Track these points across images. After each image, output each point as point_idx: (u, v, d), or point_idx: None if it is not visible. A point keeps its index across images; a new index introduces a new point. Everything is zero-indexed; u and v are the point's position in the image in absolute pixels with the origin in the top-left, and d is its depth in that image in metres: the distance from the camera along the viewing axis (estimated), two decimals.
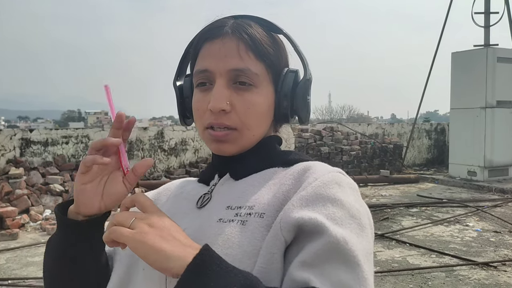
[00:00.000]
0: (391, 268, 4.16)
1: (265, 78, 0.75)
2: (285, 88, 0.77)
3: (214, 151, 0.77)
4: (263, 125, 0.77)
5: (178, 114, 0.85)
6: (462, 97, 9.59)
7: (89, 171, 0.70)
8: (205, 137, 0.77)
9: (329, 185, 0.66)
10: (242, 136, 0.75)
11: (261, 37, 0.75)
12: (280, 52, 0.79)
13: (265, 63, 0.75)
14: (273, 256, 0.61)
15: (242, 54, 0.73)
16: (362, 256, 0.60)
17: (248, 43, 0.73)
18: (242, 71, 0.72)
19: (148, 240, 0.57)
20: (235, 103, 0.73)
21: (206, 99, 0.74)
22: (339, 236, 0.59)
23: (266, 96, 0.76)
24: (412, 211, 6.62)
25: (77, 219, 0.72)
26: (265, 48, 0.75)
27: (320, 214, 0.62)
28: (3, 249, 4.89)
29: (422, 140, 12.56)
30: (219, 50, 0.73)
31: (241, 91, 0.73)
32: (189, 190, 0.83)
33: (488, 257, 4.47)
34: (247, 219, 0.67)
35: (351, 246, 0.59)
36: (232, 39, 0.73)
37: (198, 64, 0.76)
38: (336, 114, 32.78)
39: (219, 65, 0.73)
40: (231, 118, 0.73)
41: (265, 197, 0.70)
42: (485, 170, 9.18)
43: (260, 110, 0.75)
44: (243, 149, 0.77)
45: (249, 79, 0.73)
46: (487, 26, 9.80)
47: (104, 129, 8.78)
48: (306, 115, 0.80)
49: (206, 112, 0.74)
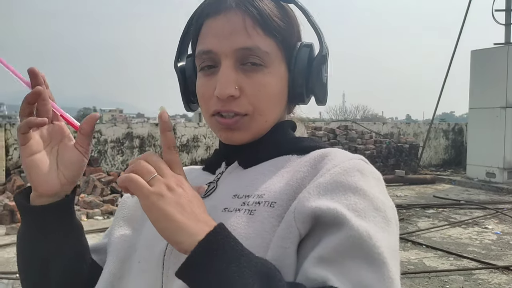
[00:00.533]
0: (407, 271, 4.05)
1: (277, 56, 0.67)
2: (299, 65, 0.68)
3: (223, 139, 0.70)
4: (276, 108, 0.69)
5: (182, 99, 0.77)
6: (482, 96, 9.41)
7: (29, 140, 0.62)
8: (212, 124, 0.69)
9: (350, 173, 0.59)
10: (254, 121, 0.67)
11: (270, 9, 0.66)
12: (292, 24, 0.70)
13: (276, 39, 0.67)
14: (285, 250, 0.54)
15: (250, 31, 0.64)
16: (388, 253, 0.52)
17: (255, 17, 0.65)
18: (250, 49, 0.64)
19: (163, 205, 0.52)
20: (244, 86, 0.65)
21: (212, 83, 0.66)
22: (362, 230, 0.52)
23: (278, 76, 0.68)
24: (428, 212, 6.49)
25: (41, 204, 0.64)
26: (275, 21, 0.66)
27: (340, 204, 0.55)
28: (13, 242, 4.89)
29: (439, 140, 12.35)
30: (223, 27, 0.65)
31: (250, 72, 0.65)
32: (192, 178, 0.74)
33: (508, 261, 4.34)
34: (256, 208, 0.60)
35: (376, 241, 0.52)
36: (237, 13, 0.65)
37: (200, 44, 0.68)
38: (350, 114, 32.53)
39: (224, 45, 0.64)
40: (240, 103, 0.65)
41: (277, 185, 0.62)
42: (505, 172, 8.98)
43: (272, 92, 0.67)
44: (255, 137, 0.69)
45: (259, 59, 0.65)
46: (508, 24, 9.63)
47: (117, 124, 8.79)
48: (323, 93, 0.72)
49: (212, 98, 0.66)
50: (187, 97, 0.76)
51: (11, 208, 5.68)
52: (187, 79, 0.75)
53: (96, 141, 8.16)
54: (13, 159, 7.20)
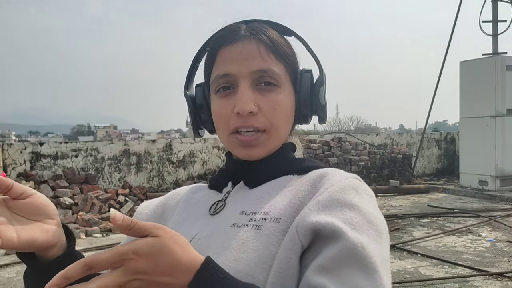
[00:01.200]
0: (403, 279, 4.09)
1: (286, 79, 0.76)
2: (304, 88, 0.78)
3: (242, 156, 0.76)
4: (288, 126, 0.78)
5: (192, 125, 0.83)
6: (472, 106, 9.53)
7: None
8: (231, 142, 0.75)
9: (346, 190, 0.65)
10: (271, 137, 0.75)
11: (278, 39, 0.76)
12: (294, 53, 0.79)
13: (285, 63, 0.75)
14: (289, 260, 0.60)
15: (264, 56, 0.73)
16: (380, 262, 0.58)
17: (268, 45, 0.74)
18: (265, 71, 0.72)
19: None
20: (261, 104, 0.72)
21: (230, 103, 0.73)
22: (357, 241, 0.58)
23: (288, 96, 0.76)
24: (423, 222, 6.55)
25: (48, 261, 0.67)
26: (284, 49, 0.76)
27: (338, 218, 0.61)
28: (13, 262, 4.90)
29: (432, 150, 12.46)
30: (240, 53, 0.73)
31: (266, 92, 0.73)
32: (200, 196, 0.82)
33: (502, 267, 4.39)
34: (262, 224, 0.66)
35: (369, 251, 0.57)
36: (251, 41, 0.73)
37: (217, 70, 0.74)
38: (344, 125, 32.66)
39: (241, 68, 0.72)
40: (259, 119, 0.72)
41: (281, 203, 0.69)
42: (497, 179, 9.07)
43: (285, 109, 0.75)
44: (270, 152, 0.76)
45: (273, 79, 0.73)
46: (495, 35, 9.76)
47: (113, 142, 8.84)
48: (324, 114, 0.81)
49: (231, 116, 0.73)
50: (197, 124, 0.82)
51: None
52: (197, 107, 0.81)
53: (93, 159, 8.20)
54: (11, 179, 7.21)
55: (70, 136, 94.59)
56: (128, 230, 0.50)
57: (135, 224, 0.50)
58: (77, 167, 8.00)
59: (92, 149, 8.21)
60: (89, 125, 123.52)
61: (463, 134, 9.94)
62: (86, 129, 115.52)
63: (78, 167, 8.02)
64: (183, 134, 66.50)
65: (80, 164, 8.04)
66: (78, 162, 8.02)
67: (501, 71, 9.08)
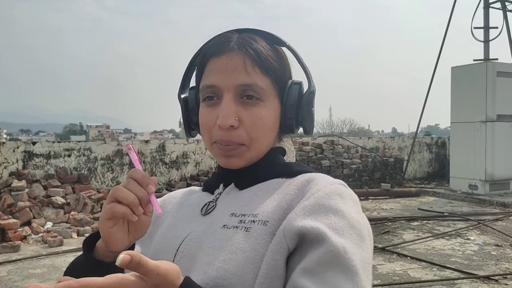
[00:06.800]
0: (392, 282, 4.15)
1: (271, 92, 0.77)
2: (290, 100, 0.78)
3: (223, 165, 0.79)
4: (269, 137, 0.79)
5: (184, 126, 0.87)
6: (462, 111, 9.65)
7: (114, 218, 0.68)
8: (214, 151, 0.78)
9: (331, 196, 0.68)
10: (250, 150, 0.77)
11: (266, 52, 0.76)
12: (284, 65, 0.80)
13: (271, 77, 0.76)
14: (276, 262, 0.63)
15: (249, 69, 0.74)
16: (361, 265, 0.61)
17: (254, 58, 0.75)
18: (249, 86, 0.74)
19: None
20: (243, 118, 0.74)
21: (214, 113, 0.75)
22: (339, 245, 0.60)
23: (272, 109, 0.77)
24: (413, 225, 6.62)
25: (104, 260, 0.71)
26: (270, 62, 0.76)
27: (322, 223, 0.63)
28: (4, 261, 4.90)
29: (423, 154, 12.58)
30: (226, 65, 0.74)
31: (249, 105, 0.75)
32: (193, 198, 0.86)
33: (489, 270, 4.46)
34: (251, 226, 0.69)
35: (350, 255, 0.60)
36: (238, 54, 0.74)
37: (205, 79, 0.77)
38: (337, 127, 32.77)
39: (226, 81, 0.74)
40: (238, 134, 0.74)
41: (269, 206, 0.71)
42: (486, 184, 9.19)
43: (267, 123, 0.76)
44: (250, 162, 0.79)
45: (256, 93, 0.74)
46: (487, 41, 9.90)
47: (106, 142, 8.82)
48: (310, 125, 0.82)
49: (214, 127, 0.75)
50: (189, 126, 0.86)
51: (2, 227, 5.66)
52: (189, 110, 0.84)
53: (86, 158, 8.18)
54: (3, 178, 7.18)
55: (62, 135, 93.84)
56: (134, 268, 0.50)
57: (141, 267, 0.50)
58: (69, 167, 7.98)
59: (85, 148, 8.20)
60: (81, 124, 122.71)
61: (454, 138, 10.06)
62: (78, 128, 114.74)
63: (71, 167, 8.00)
64: (176, 134, 66.26)
65: (72, 164, 8.02)
66: (70, 162, 8.01)
67: (492, 77, 9.21)
